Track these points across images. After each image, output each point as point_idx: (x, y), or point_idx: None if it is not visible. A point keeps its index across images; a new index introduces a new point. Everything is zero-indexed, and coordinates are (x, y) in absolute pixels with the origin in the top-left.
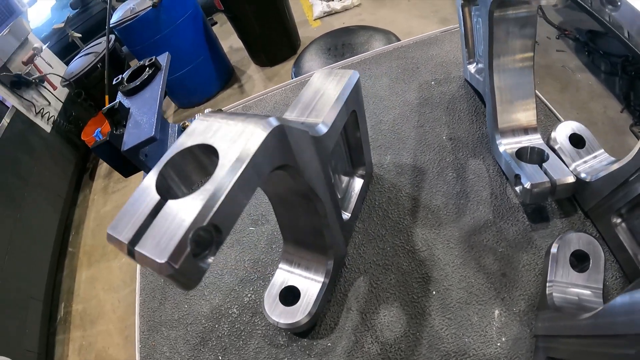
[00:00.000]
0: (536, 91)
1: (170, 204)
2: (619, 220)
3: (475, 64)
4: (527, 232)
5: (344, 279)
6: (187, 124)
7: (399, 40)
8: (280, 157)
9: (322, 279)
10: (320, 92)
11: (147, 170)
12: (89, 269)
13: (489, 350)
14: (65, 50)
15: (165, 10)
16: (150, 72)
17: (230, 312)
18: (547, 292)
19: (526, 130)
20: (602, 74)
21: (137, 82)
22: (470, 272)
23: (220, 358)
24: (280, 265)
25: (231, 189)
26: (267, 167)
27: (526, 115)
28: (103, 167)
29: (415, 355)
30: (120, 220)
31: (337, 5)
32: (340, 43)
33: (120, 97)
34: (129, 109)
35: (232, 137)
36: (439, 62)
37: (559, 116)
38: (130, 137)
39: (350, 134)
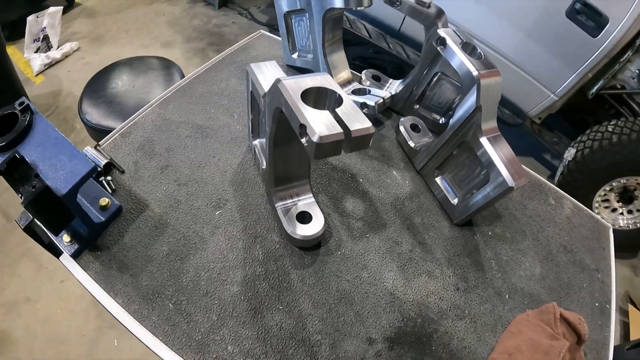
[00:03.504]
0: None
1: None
2: (436, 174)
3: (297, 52)
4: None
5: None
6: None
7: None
8: None
9: (312, 197)
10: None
11: (83, 215)
12: None
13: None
14: None
15: None
16: (28, 117)
17: (257, 273)
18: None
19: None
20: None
21: (14, 134)
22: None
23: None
24: (277, 205)
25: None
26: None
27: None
28: None
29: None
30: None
31: (56, 54)
32: (138, 75)
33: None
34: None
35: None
36: (264, 59)
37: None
38: (63, 179)
39: None
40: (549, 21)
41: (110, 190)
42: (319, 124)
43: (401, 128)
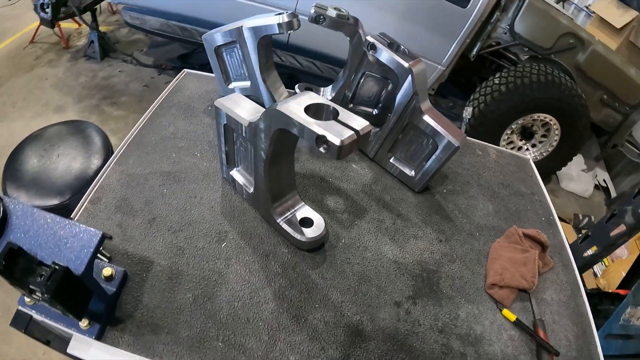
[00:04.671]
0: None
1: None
2: (389, 156)
3: (232, 82)
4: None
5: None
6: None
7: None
8: None
9: (304, 204)
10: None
11: (100, 290)
12: None
13: None
14: None
15: None
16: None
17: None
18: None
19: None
20: None
21: None
22: None
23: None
24: (280, 220)
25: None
26: None
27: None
28: None
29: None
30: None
31: None
32: (56, 145)
33: None
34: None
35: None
36: (200, 95)
37: None
38: (74, 257)
39: None
40: (419, 2)
41: (106, 260)
42: (334, 132)
43: None
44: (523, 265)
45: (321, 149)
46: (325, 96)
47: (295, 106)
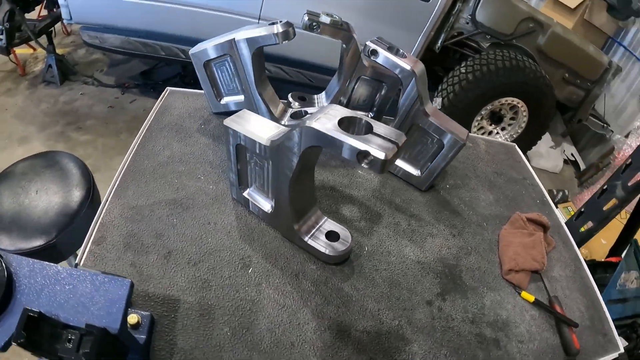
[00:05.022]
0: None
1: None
2: None
3: (224, 97)
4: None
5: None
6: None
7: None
8: None
9: (325, 217)
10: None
11: (135, 343)
12: None
13: None
14: None
15: None
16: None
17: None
18: None
19: None
20: None
21: None
22: None
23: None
24: (307, 239)
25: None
26: None
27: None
28: None
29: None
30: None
31: None
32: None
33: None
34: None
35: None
36: (189, 113)
37: None
38: (105, 314)
39: None
40: (381, 1)
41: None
42: (377, 146)
43: None
44: (532, 248)
45: (363, 164)
46: (320, 104)
47: (328, 122)
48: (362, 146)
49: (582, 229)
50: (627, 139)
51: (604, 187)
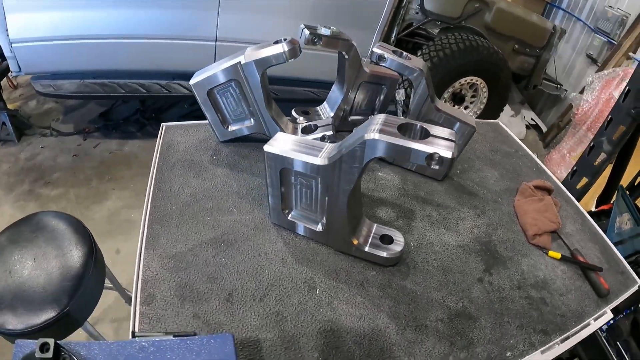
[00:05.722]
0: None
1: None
2: None
3: (231, 124)
4: None
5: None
6: None
7: None
8: None
9: (373, 223)
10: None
11: None
12: None
13: None
14: None
15: None
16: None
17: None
18: None
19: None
20: None
21: None
22: None
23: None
24: (367, 248)
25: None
26: None
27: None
28: None
29: None
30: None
31: None
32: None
33: None
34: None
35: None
36: (196, 146)
37: None
38: None
39: None
40: (334, 3)
41: None
42: (442, 147)
43: None
44: (546, 211)
45: (432, 166)
46: (326, 115)
47: (390, 132)
48: (430, 149)
49: (578, 186)
50: (582, 95)
51: (591, 145)
